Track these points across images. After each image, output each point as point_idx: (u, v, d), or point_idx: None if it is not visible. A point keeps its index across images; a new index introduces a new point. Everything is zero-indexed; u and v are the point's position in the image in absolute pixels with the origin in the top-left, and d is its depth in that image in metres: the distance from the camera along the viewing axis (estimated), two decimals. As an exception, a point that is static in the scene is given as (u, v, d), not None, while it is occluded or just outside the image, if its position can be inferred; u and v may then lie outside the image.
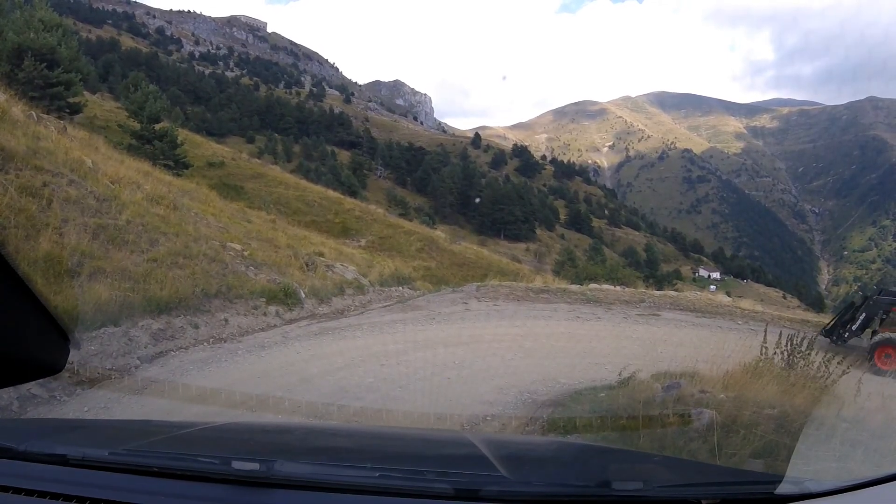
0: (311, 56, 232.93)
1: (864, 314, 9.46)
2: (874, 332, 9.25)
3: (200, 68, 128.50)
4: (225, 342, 6.87)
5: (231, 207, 15.16)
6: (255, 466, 1.32)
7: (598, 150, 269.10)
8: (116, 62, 74.83)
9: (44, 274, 6.23)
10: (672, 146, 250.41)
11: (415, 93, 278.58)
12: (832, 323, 10.06)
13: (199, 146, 35.81)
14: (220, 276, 8.31)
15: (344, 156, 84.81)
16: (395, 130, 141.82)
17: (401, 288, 12.22)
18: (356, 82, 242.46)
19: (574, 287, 14.53)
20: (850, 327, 9.45)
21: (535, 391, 5.91)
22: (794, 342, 5.18)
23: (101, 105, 36.01)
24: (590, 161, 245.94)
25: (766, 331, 5.46)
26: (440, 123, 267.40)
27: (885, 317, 9.36)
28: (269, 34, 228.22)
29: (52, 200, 7.73)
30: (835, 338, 9.43)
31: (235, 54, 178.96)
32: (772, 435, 3.29)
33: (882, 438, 3.23)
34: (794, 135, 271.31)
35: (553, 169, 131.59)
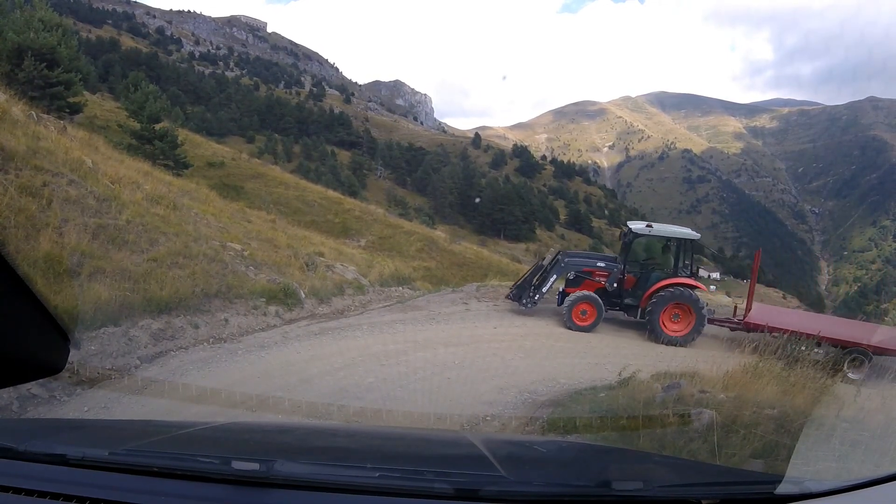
0: (311, 56, 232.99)
1: (553, 275, 9.69)
2: (561, 293, 9.71)
3: (200, 68, 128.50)
4: (225, 342, 6.87)
5: (231, 207, 15.14)
6: (255, 466, 1.32)
7: (598, 150, 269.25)
8: (116, 62, 74.79)
9: (44, 274, 6.22)
10: (672, 146, 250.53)
11: (415, 93, 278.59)
12: (517, 285, 10.17)
13: (199, 146, 35.78)
14: (220, 276, 8.30)
15: (344, 156, 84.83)
16: (395, 130, 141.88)
17: (401, 288, 12.21)
18: (356, 82, 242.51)
19: (574, 287, 14.51)
20: (541, 289, 9.64)
21: (535, 391, 5.91)
22: (795, 342, 5.19)
23: (101, 105, 35.98)
24: (590, 161, 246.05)
25: (766, 331, 5.46)
26: (440, 123, 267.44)
27: (570, 277, 9.74)
28: (269, 34, 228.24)
29: (52, 200, 7.72)
30: (525, 301, 9.62)
31: (235, 54, 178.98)
32: (772, 435, 3.30)
33: (882, 438, 3.23)
34: (794, 135, 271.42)
35: (553, 169, 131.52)
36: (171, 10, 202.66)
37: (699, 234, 10.36)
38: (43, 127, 11.12)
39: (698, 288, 9.61)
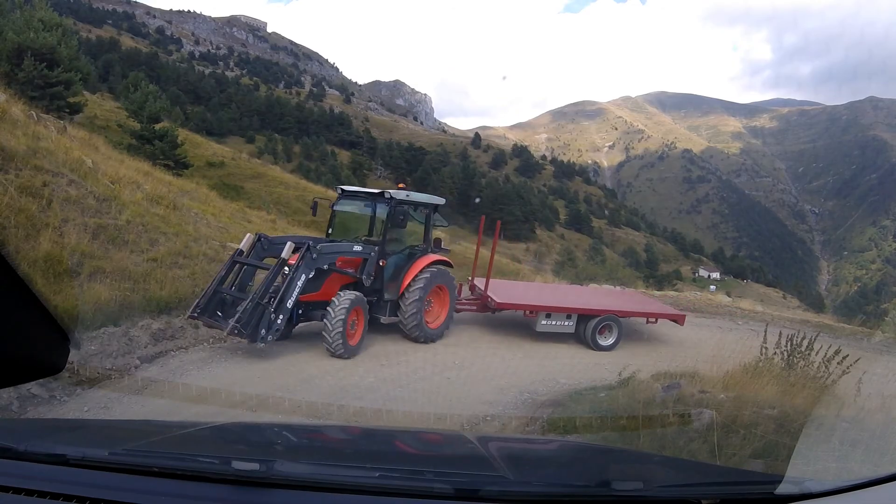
0: (311, 56, 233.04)
1: (302, 275, 6.43)
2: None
3: (200, 68, 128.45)
4: (225, 342, 6.87)
5: (231, 207, 15.15)
6: (255, 466, 1.32)
7: (598, 150, 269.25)
8: (116, 62, 74.82)
9: (44, 274, 6.22)
10: (672, 146, 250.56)
11: (415, 93, 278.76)
12: (213, 302, 6.47)
13: (199, 146, 35.81)
14: (220, 276, 8.29)
15: (344, 156, 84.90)
16: (395, 130, 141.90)
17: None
18: (356, 82, 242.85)
19: (574, 287, 14.50)
20: (285, 303, 6.26)
21: (535, 391, 5.91)
22: (794, 342, 5.18)
23: (101, 105, 35.98)
24: (590, 161, 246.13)
25: (765, 331, 5.46)
26: (440, 123, 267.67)
27: (310, 275, 6.56)
28: (269, 34, 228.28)
29: (52, 200, 7.73)
30: (261, 331, 6.07)
31: (235, 54, 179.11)
32: (772, 435, 3.30)
33: (882, 438, 3.23)
34: (794, 135, 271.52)
35: (553, 169, 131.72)
36: (171, 9, 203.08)
37: (444, 199, 8.70)
38: (43, 127, 11.12)
39: (450, 264, 8.24)
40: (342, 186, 8.40)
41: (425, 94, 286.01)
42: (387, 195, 7.54)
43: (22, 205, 7.17)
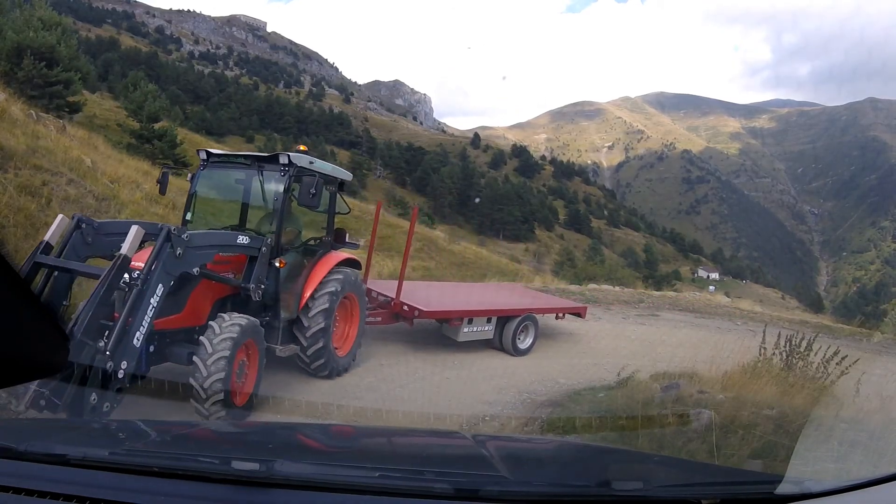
0: (310, 56, 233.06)
1: (160, 286, 3.97)
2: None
3: (200, 67, 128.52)
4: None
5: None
6: (255, 466, 1.32)
7: (597, 150, 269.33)
8: (116, 61, 74.87)
9: (43, 273, 6.21)
10: (671, 147, 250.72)
11: (414, 93, 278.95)
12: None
13: (198, 146, 35.78)
14: (220, 276, 8.29)
15: (343, 155, 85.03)
16: (395, 130, 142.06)
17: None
18: (356, 82, 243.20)
19: (573, 287, 14.56)
20: (132, 334, 3.76)
21: (535, 391, 5.92)
22: (793, 343, 5.19)
23: (100, 104, 35.96)
24: (589, 161, 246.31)
25: (764, 332, 5.47)
26: (440, 123, 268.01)
27: (171, 284, 4.12)
28: (269, 34, 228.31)
29: (52, 199, 7.73)
30: (94, 399, 3.52)
31: (235, 54, 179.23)
32: (770, 435, 3.30)
33: (881, 439, 3.24)
34: (794, 135, 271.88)
35: (552, 169, 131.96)
36: (170, 9, 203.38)
37: (351, 175, 6.77)
38: (42, 126, 11.12)
39: (359, 265, 6.33)
40: (208, 149, 5.87)
41: (425, 94, 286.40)
42: (282, 160, 5.32)
43: (21, 204, 7.16)
